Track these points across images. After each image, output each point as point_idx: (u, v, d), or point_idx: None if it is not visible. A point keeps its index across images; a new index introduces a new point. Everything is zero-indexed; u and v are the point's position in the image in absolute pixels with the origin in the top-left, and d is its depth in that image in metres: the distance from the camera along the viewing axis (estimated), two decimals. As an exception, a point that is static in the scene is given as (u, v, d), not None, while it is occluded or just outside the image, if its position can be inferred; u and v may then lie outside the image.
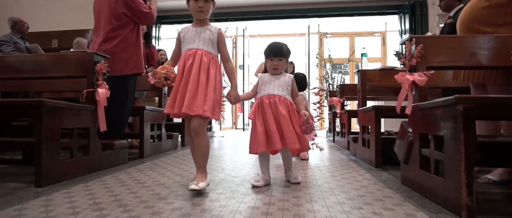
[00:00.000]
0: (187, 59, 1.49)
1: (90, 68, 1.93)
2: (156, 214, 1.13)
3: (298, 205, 1.26)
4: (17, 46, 3.83)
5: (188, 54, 1.50)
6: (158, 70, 1.49)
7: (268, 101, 1.60)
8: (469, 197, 1.07)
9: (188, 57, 1.50)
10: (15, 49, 3.78)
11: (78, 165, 1.79)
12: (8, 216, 1.10)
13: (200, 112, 1.40)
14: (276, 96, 1.60)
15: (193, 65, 1.46)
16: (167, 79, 1.49)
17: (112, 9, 2.33)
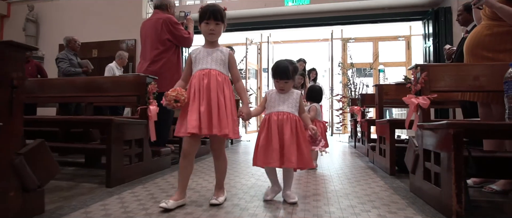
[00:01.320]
0: (202, 79, 1.54)
1: (143, 89, 2.33)
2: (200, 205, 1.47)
3: (317, 207, 1.55)
4: (71, 62, 4.39)
5: (202, 74, 1.55)
6: (169, 93, 1.51)
7: (276, 118, 1.62)
8: (458, 204, 1.31)
9: (203, 77, 1.54)
10: (70, 65, 4.34)
11: (135, 169, 2.18)
12: (98, 210, 1.48)
13: (227, 132, 1.48)
14: (284, 114, 1.62)
15: (210, 84, 1.52)
16: (177, 102, 1.50)
17: (158, 35, 2.73)
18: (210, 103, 1.51)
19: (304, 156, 1.59)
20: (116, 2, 7.74)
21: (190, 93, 1.55)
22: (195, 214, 1.41)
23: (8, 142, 1.26)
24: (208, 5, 1.61)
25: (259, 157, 1.61)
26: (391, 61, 8.78)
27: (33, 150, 1.37)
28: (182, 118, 1.55)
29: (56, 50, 8.07)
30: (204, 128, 1.48)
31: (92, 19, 7.86)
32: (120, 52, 5.37)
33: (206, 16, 1.56)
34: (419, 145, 1.71)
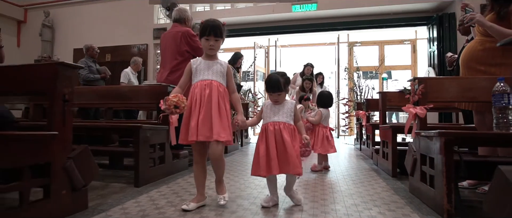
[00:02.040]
0: (204, 89, 1.62)
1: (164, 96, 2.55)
2: (208, 205, 1.68)
3: (325, 205, 1.75)
4: (90, 69, 4.66)
5: (204, 84, 1.63)
6: (170, 98, 1.54)
7: (273, 129, 1.68)
8: (448, 203, 1.50)
9: (205, 87, 1.63)
10: (89, 72, 4.61)
11: (158, 171, 2.41)
12: (132, 207, 1.70)
13: (227, 138, 1.60)
14: (280, 124, 1.68)
15: (212, 94, 1.60)
16: (177, 108, 1.53)
17: (177, 47, 2.96)
18: (210, 111, 1.58)
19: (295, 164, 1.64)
20: (129, 8, 8.02)
21: (192, 102, 1.62)
22: (203, 213, 1.57)
23: (61, 148, 1.49)
24: (208, 21, 1.67)
25: (261, 167, 1.63)
26: (397, 64, 8.91)
27: (79, 154, 1.60)
28: (184, 126, 1.63)
29: (71, 54, 8.40)
30: (202, 134, 1.56)
31: (105, 24, 8.15)
32: (134, 58, 5.63)
33: (207, 32, 1.64)
34: (417, 150, 1.89)
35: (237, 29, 7.51)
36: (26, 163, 1.31)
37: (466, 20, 2.01)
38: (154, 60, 7.94)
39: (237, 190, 2.09)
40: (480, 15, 1.97)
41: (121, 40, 8.06)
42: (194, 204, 1.64)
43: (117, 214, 1.56)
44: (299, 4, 6.58)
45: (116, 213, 1.58)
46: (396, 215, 1.58)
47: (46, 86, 1.46)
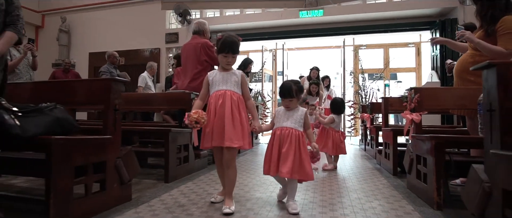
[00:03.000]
0: (218, 99, 1.75)
1: (188, 103, 2.85)
2: (248, 192, 1.97)
3: (332, 199, 2.03)
4: (112, 75, 4.99)
5: (219, 94, 1.76)
6: (191, 114, 1.69)
7: (280, 133, 1.80)
8: (438, 196, 1.77)
9: (219, 97, 1.75)
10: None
11: (183, 169, 2.71)
12: (168, 199, 2.00)
13: (241, 144, 1.70)
14: (287, 129, 1.80)
15: (225, 103, 1.72)
16: (197, 123, 1.68)
17: (197, 57, 3.26)
18: (223, 119, 1.70)
19: (304, 169, 1.72)
20: (142, 14, 8.34)
21: (209, 111, 1.77)
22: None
23: (113, 149, 1.80)
24: (226, 39, 1.79)
25: (271, 167, 1.78)
26: (402, 67, 9.11)
27: (126, 154, 1.90)
28: (203, 133, 1.78)
29: (86, 58, 8.79)
30: (215, 140, 1.70)
31: (119, 29, 8.47)
32: (150, 63, 5.96)
33: (225, 50, 1.78)
34: (413, 151, 2.16)
35: (246, 33, 7.79)
36: (90, 161, 1.62)
37: (458, 37, 2.26)
38: (166, 63, 8.26)
39: (253, 185, 2.38)
40: (469, 32, 2.22)
41: (134, 44, 8.38)
42: (221, 196, 1.90)
43: (157, 205, 1.86)
44: (306, 10, 6.84)
45: (156, 204, 1.88)
46: (393, 207, 1.86)
47: (102, 98, 1.77)
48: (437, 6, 6.25)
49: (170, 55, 8.02)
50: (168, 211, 1.74)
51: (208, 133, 1.75)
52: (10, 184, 2.41)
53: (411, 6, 6.41)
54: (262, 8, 7.48)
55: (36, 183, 2.43)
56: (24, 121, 1.41)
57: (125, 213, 1.69)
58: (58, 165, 1.41)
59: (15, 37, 1.55)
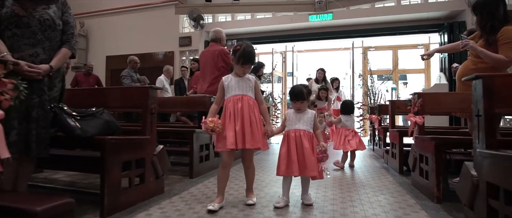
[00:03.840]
0: (237, 103, 1.85)
1: (209, 106, 3.10)
2: (236, 206, 2.21)
3: (342, 193, 2.26)
4: (132, 78, 5.30)
5: (236, 99, 1.86)
6: (208, 122, 1.80)
7: (294, 135, 1.91)
8: (437, 191, 1.97)
9: (237, 101, 1.85)
10: (131, 81, 5.25)
11: (205, 165, 2.97)
12: (196, 192, 2.26)
13: (260, 145, 1.83)
14: (301, 131, 1.91)
15: (243, 107, 1.83)
16: (213, 131, 1.81)
17: (215, 63, 3.51)
18: (243, 123, 1.80)
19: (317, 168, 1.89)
20: (156, 18, 8.66)
21: (226, 115, 1.85)
22: (233, 213, 1.77)
23: (150, 147, 2.07)
24: (245, 50, 1.89)
25: (281, 168, 1.89)
26: (411, 68, 9.20)
27: (160, 152, 2.17)
28: (220, 136, 1.85)
29: (103, 61, 9.17)
30: (239, 143, 1.80)
31: (134, 33, 8.81)
32: (167, 66, 6.27)
33: (242, 61, 1.87)
34: (417, 151, 2.37)
35: (257, 37, 8.04)
36: (133, 158, 1.89)
37: (462, 45, 2.45)
38: (180, 66, 8.58)
39: (269, 181, 2.62)
40: (473, 42, 2.41)
41: (149, 47, 8.71)
42: (218, 204, 1.82)
43: (187, 196, 2.12)
44: (315, 14, 7.04)
45: (186, 196, 2.14)
46: (398, 200, 2.07)
47: (141, 103, 2.04)
48: (445, 9, 6.38)
49: (191, 58, 8.31)
50: (198, 201, 2.00)
51: (230, 136, 1.80)
52: (53, 178, 2.71)
53: (419, 9, 6.56)
54: (273, 12, 7.71)
55: (76, 177, 2.72)
56: (83, 124, 1.68)
57: (162, 203, 1.95)
58: (110, 161, 1.68)
59: (69, 53, 1.81)
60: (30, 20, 1.66)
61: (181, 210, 1.83)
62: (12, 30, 1.65)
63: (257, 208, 1.89)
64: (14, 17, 1.64)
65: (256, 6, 7.87)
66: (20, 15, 1.65)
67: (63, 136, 1.67)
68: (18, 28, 1.65)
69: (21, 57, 1.62)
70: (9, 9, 1.64)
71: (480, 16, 2.40)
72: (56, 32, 1.77)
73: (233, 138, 1.79)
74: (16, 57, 1.57)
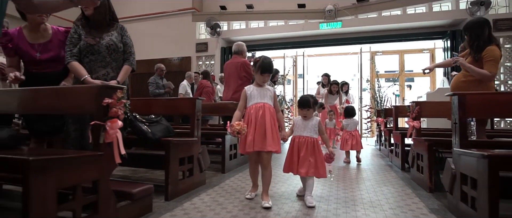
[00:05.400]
0: (258, 110, 2.07)
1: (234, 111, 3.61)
2: (253, 208, 2.70)
3: (352, 186, 2.72)
4: (158, 85, 5.85)
5: (258, 106, 2.09)
6: (234, 125, 1.98)
7: (298, 141, 2.20)
8: (430, 183, 2.43)
9: (259, 108, 2.08)
10: (156, 88, 5.80)
11: (234, 163, 3.47)
12: (229, 184, 2.76)
13: (277, 148, 2.06)
14: (304, 138, 2.18)
15: (265, 114, 2.05)
16: (239, 133, 1.99)
17: (238, 73, 4.02)
18: (264, 128, 2.03)
19: (318, 169, 2.12)
20: (174, 25, 9.20)
21: (248, 121, 2.07)
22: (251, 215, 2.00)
23: (197, 147, 2.57)
24: (264, 61, 2.14)
25: (287, 166, 2.25)
26: (417, 72, 9.55)
27: (203, 150, 2.67)
28: (243, 140, 2.10)
29: (124, 66, 9.75)
30: (256, 146, 2.02)
31: (154, 39, 9.35)
32: (189, 72, 6.82)
33: (263, 70, 2.13)
34: (415, 150, 2.82)
35: (269, 43, 8.54)
36: (186, 155, 2.40)
37: (453, 62, 2.89)
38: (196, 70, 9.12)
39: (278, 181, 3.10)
40: (462, 59, 2.84)
41: (167, 53, 9.25)
42: (253, 193, 2.23)
43: (225, 187, 2.62)
44: (326, 23, 7.49)
45: (224, 187, 2.64)
46: (397, 190, 2.54)
47: (189, 110, 2.55)
48: (449, 17, 6.76)
49: (200, 63, 8.85)
50: (235, 190, 2.50)
51: (249, 140, 2.04)
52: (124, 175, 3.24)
53: (424, 17, 6.95)
54: (285, 20, 8.19)
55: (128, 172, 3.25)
56: (151, 128, 2.20)
57: (207, 191, 2.46)
58: (172, 158, 2.19)
59: (130, 68, 2.30)
60: (99, 48, 2.14)
61: (225, 196, 2.33)
62: (89, 57, 2.14)
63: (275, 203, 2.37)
64: (89, 47, 2.12)
65: (269, 14, 8.36)
66: (92, 45, 2.12)
67: (136, 138, 2.19)
68: (92, 55, 2.14)
69: (97, 77, 2.12)
70: (84, 41, 2.12)
71: (468, 37, 2.84)
72: (119, 53, 2.25)
73: (251, 142, 2.04)
74: (93, 78, 2.09)
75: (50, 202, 1.24)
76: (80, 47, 2.10)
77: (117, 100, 1.53)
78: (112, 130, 1.49)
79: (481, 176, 1.50)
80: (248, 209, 2.00)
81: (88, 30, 2.14)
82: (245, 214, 1.91)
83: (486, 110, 1.82)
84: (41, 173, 1.19)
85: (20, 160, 1.18)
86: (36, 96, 1.66)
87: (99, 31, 2.17)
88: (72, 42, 2.09)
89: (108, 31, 2.22)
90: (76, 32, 2.11)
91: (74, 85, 2.03)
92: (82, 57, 2.13)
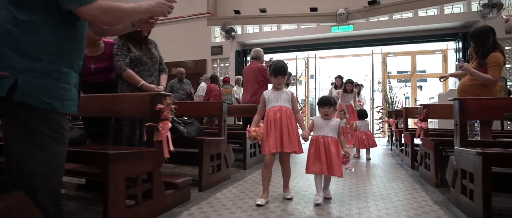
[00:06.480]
0: (276, 113, 2.17)
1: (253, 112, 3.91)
2: (273, 202, 2.98)
3: (364, 182, 2.98)
4: (173, 88, 6.22)
5: (276, 110, 2.18)
6: (251, 131, 2.16)
7: (323, 141, 2.20)
8: (436, 179, 2.66)
9: (276, 112, 2.17)
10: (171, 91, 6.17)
11: (254, 160, 3.77)
12: (251, 178, 3.05)
13: (295, 149, 2.14)
14: (328, 138, 2.20)
15: (282, 117, 2.14)
16: (255, 139, 2.14)
17: (255, 78, 4.31)
18: (281, 130, 2.13)
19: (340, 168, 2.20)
20: (190, 29, 9.57)
21: (267, 123, 2.18)
22: (271, 209, 2.25)
23: (224, 145, 2.88)
24: (277, 64, 2.25)
25: (310, 167, 2.19)
26: (429, 73, 9.64)
27: (228, 148, 2.98)
28: (265, 141, 2.18)
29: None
30: (278, 147, 2.13)
31: (171, 42, 9.71)
32: (206, 75, 7.17)
33: (276, 73, 2.22)
34: (423, 149, 3.05)
35: (282, 46, 8.81)
36: (215, 152, 2.71)
37: (458, 66, 3.11)
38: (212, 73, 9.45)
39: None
40: (467, 64, 3.06)
41: (184, 56, 9.63)
42: (264, 199, 2.15)
43: (248, 182, 2.92)
44: (337, 26, 7.71)
45: (247, 181, 2.94)
46: (406, 186, 2.78)
47: (217, 113, 2.86)
48: (460, 19, 6.88)
49: (215, 65, 9.19)
50: (257, 184, 2.79)
51: (271, 142, 2.13)
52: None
53: (435, 20, 7.09)
54: (297, 23, 8.45)
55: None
56: (187, 129, 2.51)
57: (234, 184, 2.76)
58: (205, 155, 2.51)
59: (167, 76, 2.67)
60: (146, 59, 2.53)
61: (249, 188, 2.63)
62: (138, 67, 2.51)
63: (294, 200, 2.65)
64: (138, 59, 2.50)
65: (282, 18, 8.64)
66: (140, 57, 2.51)
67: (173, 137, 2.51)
68: (141, 65, 2.52)
69: None
70: (134, 53, 2.49)
71: (474, 43, 3.05)
72: (157, 64, 2.63)
73: (274, 143, 2.13)
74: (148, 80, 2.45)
75: (121, 187, 1.56)
76: (130, 58, 2.45)
77: (167, 106, 1.84)
78: (163, 130, 1.81)
79: (476, 171, 1.75)
80: (272, 199, 2.29)
81: (134, 43, 2.49)
82: (270, 203, 2.20)
83: (483, 113, 2.06)
84: (116, 163, 1.52)
85: (101, 153, 1.51)
86: (97, 102, 1.99)
87: (142, 45, 2.54)
88: (123, 53, 2.44)
89: (148, 44, 2.60)
90: (124, 45, 2.46)
91: (131, 93, 2.37)
92: (132, 67, 2.49)
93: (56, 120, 1.33)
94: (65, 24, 1.35)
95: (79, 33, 1.46)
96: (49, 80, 1.30)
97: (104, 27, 1.65)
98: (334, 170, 2.15)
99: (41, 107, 1.27)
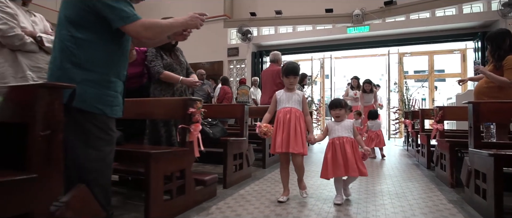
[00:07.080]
0: (286, 115, 2.22)
1: (272, 114, 4.07)
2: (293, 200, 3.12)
3: (380, 181, 3.09)
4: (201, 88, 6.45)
5: (286, 111, 2.24)
6: (262, 126, 2.20)
7: (338, 142, 2.22)
8: (451, 179, 2.75)
9: (286, 113, 2.23)
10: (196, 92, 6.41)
11: (271, 159, 3.94)
12: (271, 177, 3.22)
13: (302, 151, 2.19)
14: (344, 138, 2.22)
15: (291, 118, 2.19)
16: (265, 134, 2.21)
17: (273, 80, 4.47)
18: (289, 131, 2.18)
19: (361, 166, 2.22)
20: (206, 31, 9.68)
21: (277, 123, 2.25)
22: (292, 205, 2.66)
23: (245, 145, 3.06)
24: (288, 65, 2.31)
25: (329, 171, 2.20)
26: (447, 73, 9.49)
27: (249, 148, 3.15)
28: (273, 141, 2.27)
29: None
30: (284, 147, 2.19)
31: (188, 44, 9.82)
32: (223, 76, 7.37)
33: (287, 73, 2.29)
34: (439, 150, 3.13)
35: (298, 48, 8.92)
36: (238, 152, 2.89)
37: (474, 69, 3.16)
38: (228, 74, 9.67)
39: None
40: (483, 67, 3.11)
41: (201, 57, 9.87)
42: (286, 197, 2.28)
43: (268, 180, 3.08)
44: (353, 27, 7.76)
45: (267, 179, 3.10)
46: (421, 185, 2.87)
47: (239, 115, 3.04)
48: (480, 19, 6.80)
49: (231, 67, 9.41)
50: (277, 182, 2.95)
51: (278, 141, 2.21)
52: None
53: (453, 20, 7.03)
54: (313, 25, 8.53)
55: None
56: (212, 130, 2.71)
57: (255, 182, 2.93)
58: (229, 154, 2.69)
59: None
60: (175, 65, 2.74)
61: (270, 186, 2.79)
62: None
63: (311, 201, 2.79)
64: (170, 65, 2.72)
65: (297, 19, 8.75)
66: (171, 63, 2.73)
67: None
68: (172, 71, 2.72)
69: (176, 88, 2.73)
70: (166, 60, 2.71)
71: (490, 46, 3.10)
72: (185, 69, 2.85)
73: (280, 143, 2.20)
74: (174, 88, 2.67)
75: (160, 182, 1.76)
76: (163, 64, 2.68)
77: (197, 109, 2.04)
78: (194, 132, 2.00)
79: (488, 171, 1.85)
80: (293, 196, 2.45)
81: (165, 52, 2.72)
82: (291, 200, 2.36)
83: (496, 116, 2.14)
84: (156, 162, 1.72)
85: (144, 153, 1.71)
86: (136, 106, 2.21)
87: (172, 53, 2.78)
88: (158, 59, 2.67)
89: (176, 52, 2.81)
90: (158, 52, 2.69)
91: (166, 98, 2.59)
92: None
93: (107, 123, 1.54)
94: (113, 40, 1.57)
95: (124, 47, 1.67)
96: (101, 89, 1.51)
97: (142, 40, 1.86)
98: (350, 170, 2.17)
99: (94, 112, 1.49)
